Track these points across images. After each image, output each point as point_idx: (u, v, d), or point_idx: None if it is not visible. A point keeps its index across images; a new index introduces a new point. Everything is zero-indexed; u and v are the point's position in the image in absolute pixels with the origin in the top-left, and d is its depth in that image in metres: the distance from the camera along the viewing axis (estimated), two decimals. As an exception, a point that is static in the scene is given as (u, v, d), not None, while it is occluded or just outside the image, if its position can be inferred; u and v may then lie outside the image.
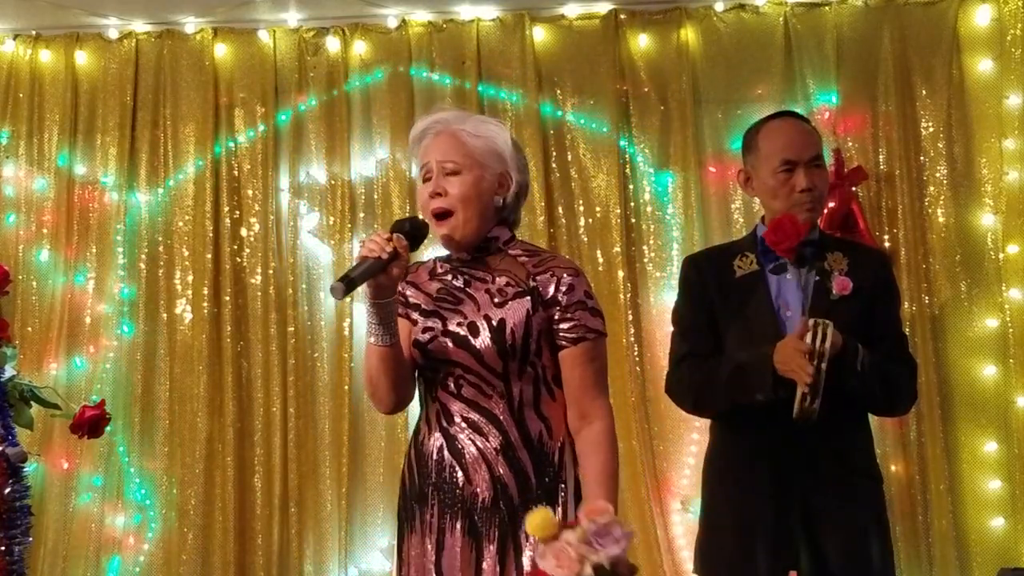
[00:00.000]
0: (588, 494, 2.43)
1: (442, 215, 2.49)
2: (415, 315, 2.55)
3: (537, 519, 2.02)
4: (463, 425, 2.48)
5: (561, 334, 2.47)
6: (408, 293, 2.57)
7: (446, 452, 2.48)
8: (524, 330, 2.45)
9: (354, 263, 2.37)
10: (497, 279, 2.50)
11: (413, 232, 2.43)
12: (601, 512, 2.01)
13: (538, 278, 2.48)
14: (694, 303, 3.01)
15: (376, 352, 2.47)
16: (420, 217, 2.51)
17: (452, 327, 2.48)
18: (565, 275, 2.49)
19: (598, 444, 2.45)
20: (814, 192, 2.91)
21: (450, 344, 2.48)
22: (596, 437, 2.45)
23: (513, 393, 2.46)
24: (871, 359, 2.78)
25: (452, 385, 2.49)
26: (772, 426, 2.79)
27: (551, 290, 2.47)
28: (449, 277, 2.56)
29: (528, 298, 2.47)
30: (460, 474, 2.46)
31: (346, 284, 2.27)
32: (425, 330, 2.51)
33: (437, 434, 2.50)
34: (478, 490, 2.45)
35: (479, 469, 2.45)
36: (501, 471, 2.44)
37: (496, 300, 2.48)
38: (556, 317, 2.47)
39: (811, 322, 2.69)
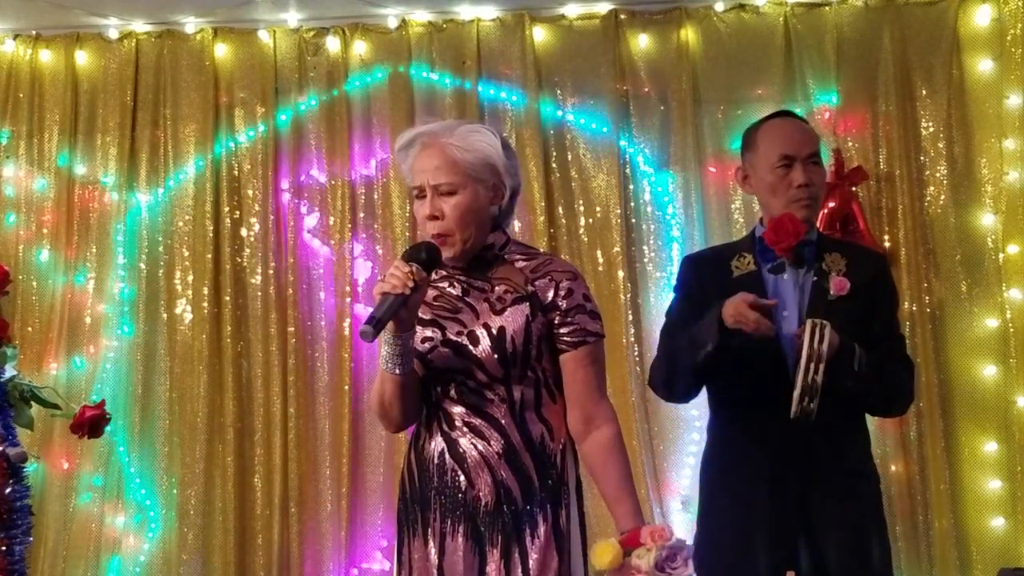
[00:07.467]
0: (614, 500, 2.44)
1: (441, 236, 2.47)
2: None
3: (602, 553, 1.99)
4: (464, 429, 2.47)
5: (562, 338, 2.47)
6: None
7: (447, 456, 2.48)
8: (524, 336, 2.44)
9: (377, 300, 2.34)
10: (496, 287, 2.49)
11: (429, 260, 2.41)
12: (665, 535, 1.99)
13: (536, 283, 2.48)
14: (689, 304, 3.01)
15: (392, 379, 2.45)
16: (432, 242, 2.46)
17: (451, 336, 2.48)
18: (563, 279, 2.48)
19: (612, 450, 2.46)
20: (811, 188, 2.91)
21: (450, 353, 2.47)
22: (609, 444, 2.47)
23: (514, 397, 2.46)
24: (868, 360, 2.78)
25: (453, 391, 2.49)
26: (769, 426, 2.79)
27: (550, 295, 2.47)
28: (445, 285, 2.54)
29: (527, 304, 2.46)
30: (462, 478, 2.46)
31: (375, 326, 2.28)
32: (424, 340, 2.50)
33: (438, 438, 2.50)
34: (480, 494, 2.44)
35: (481, 473, 2.45)
36: (503, 475, 2.44)
37: (495, 308, 2.47)
38: (556, 321, 2.47)
39: (809, 323, 2.69)
